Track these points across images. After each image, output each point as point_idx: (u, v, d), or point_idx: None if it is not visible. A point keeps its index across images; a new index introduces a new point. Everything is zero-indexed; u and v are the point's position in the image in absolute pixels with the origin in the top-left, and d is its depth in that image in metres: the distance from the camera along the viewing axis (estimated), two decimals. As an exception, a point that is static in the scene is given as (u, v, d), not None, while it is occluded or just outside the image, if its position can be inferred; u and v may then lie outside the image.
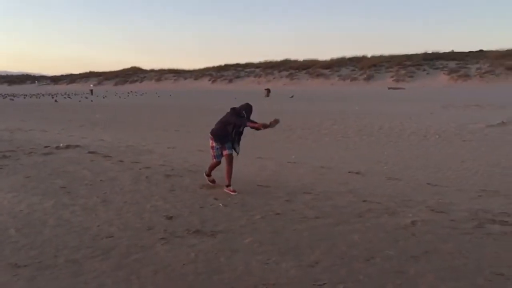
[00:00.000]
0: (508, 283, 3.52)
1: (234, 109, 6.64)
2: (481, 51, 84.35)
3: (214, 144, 6.65)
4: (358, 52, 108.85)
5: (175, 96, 52.15)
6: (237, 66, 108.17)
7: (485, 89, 53.02)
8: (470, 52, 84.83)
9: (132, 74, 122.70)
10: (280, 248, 4.29)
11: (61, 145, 10.77)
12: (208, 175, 7.00)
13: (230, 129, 6.45)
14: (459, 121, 15.50)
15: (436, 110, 21.33)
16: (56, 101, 41.27)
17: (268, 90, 47.31)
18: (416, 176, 7.64)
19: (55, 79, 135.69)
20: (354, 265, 3.89)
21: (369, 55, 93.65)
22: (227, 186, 6.50)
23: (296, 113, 21.00)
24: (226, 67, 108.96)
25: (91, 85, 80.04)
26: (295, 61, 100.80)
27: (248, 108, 6.72)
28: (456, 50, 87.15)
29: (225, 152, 6.54)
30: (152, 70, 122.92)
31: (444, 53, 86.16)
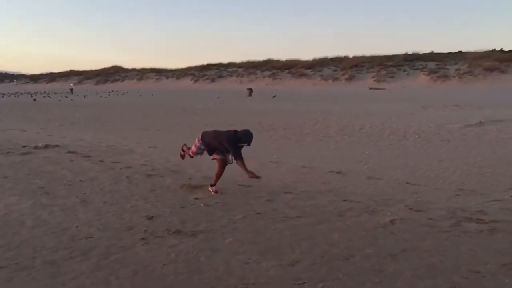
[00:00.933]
0: (483, 280, 3.59)
1: (236, 135, 6.19)
2: (460, 52, 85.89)
3: (198, 145, 6.60)
4: (340, 53, 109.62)
5: (157, 95, 51.82)
6: (219, 65, 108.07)
7: (464, 90, 53.97)
8: (449, 53, 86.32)
9: (113, 73, 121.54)
10: (261, 248, 4.30)
11: (39, 144, 10.60)
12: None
13: (222, 148, 6.34)
14: (438, 121, 15.74)
15: (416, 110, 21.62)
16: (35, 100, 40.62)
17: (251, 90, 47.36)
18: (395, 176, 7.73)
19: (35, 78, 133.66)
20: (334, 263, 3.92)
21: (350, 56, 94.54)
22: (212, 185, 6.48)
23: (279, 113, 21.07)
24: (209, 67, 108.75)
25: (71, 84, 79.06)
26: (278, 61, 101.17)
27: (248, 137, 6.21)
28: (435, 51, 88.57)
29: (216, 157, 6.46)
30: (133, 69, 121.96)
31: (424, 54, 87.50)
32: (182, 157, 7.24)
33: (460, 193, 6.44)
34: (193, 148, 6.72)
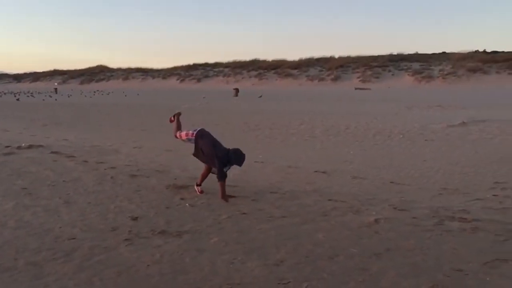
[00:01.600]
0: (466, 278, 3.64)
1: (228, 154, 6.06)
2: (443, 53, 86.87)
3: (191, 138, 6.32)
4: (326, 53, 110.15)
5: (142, 95, 51.46)
6: (205, 65, 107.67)
7: (447, 90, 54.61)
8: (433, 54, 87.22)
9: (99, 73, 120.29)
10: (246, 248, 4.30)
11: (23, 144, 10.45)
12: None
13: (210, 159, 6.19)
14: (422, 121, 15.91)
15: (401, 111, 21.83)
16: (18, 99, 40.02)
17: (237, 90, 47.28)
18: (380, 175, 7.80)
19: (18, 77, 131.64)
20: (318, 263, 3.94)
21: (336, 56, 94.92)
22: (197, 185, 6.46)
23: (265, 113, 21.09)
24: (195, 67, 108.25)
25: (56, 84, 78.21)
26: (264, 61, 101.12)
27: (239, 159, 6.10)
28: (420, 52, 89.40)
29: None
30: (119, 69, 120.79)
31: (409, 54, 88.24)
32: (171, 121, 7.05)
33: (443, 193, 6.53)
34: (184, 134, 6.43)
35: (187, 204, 5.83)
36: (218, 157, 6.01)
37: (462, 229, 4.83)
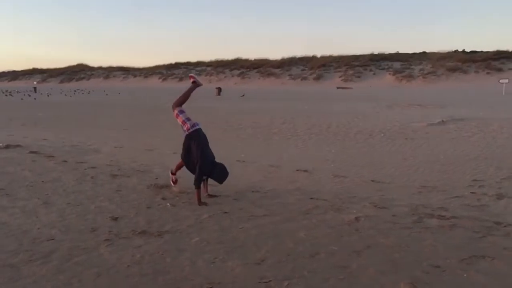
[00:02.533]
0: (444, 274, 3.69)
1: (212, 164, 5.92)
2: (424, 52, 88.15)
3: (185, 125, 6.12)
4: (308, 52, 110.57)
5: (124, 94, 51.00)
6: (187, 64, 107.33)
7: (427, 89, 55.42)
8: (413, 53, 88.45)
9: (79, 71, 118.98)
10: (227, 247, 4.30)
11: (0, 144, 10.26)
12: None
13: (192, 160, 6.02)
14: (403, 120, 16.11)
15: (382, 110, 22.06)
16: (-4, 98, 39.29)
17: (219, 89, 47.22)
18: (361, 173, 7.87)
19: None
20: (299, 261, 3.96)
21: (318, 55, 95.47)
22: (172, 173, 6.52)
23: (247, 112, 21.09)
24: (177, 65, 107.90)
25: (35, 83, 76.91)
26: (246, 60, 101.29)
27: (221, 175, 5.97)
28: (400, 51, 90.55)
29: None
30: (100, 68, 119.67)
31: (390, 54, 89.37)
32: (191, 78, 6.82)
33: (422, 190, 6.62)
34: (181, 120, 6.18)
35: (168, 204, 5.79)
36: (200, 168, 5.83)
37: (441, 226, 4.90)
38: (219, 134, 13.66)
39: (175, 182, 6.45)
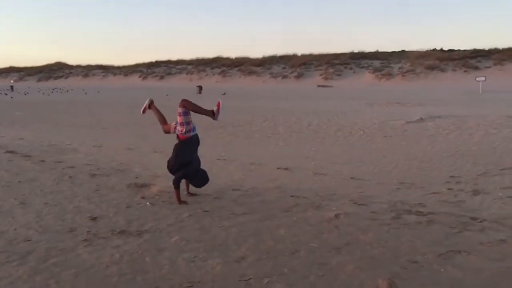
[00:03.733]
0: (421, 270, 3.75)
1: (197, 172, 5.91)
2: (403, 51, 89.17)
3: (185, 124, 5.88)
4: (289, 51, 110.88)
5: (103, 93, 50.36)
6: (168, 62, 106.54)
7: (406, 88, 56.14)
8: (393, 52, 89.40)
9: (57, 70, 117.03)
10: (207, 245, 4.29)
11: (-25, 144, 10.04)
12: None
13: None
14: (382, 118, 16.28)
15: (362, 108, 22.26)
16: (-30, 97, 38.39)
17: (200, 87, 47.08)
18: (341, 171, 7.94)
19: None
20: (279, 259, 3.97)
21: (299, 54, 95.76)
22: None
23: (228, 111, 21.00)
24: (157, 64, 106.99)
25: (12, 81, 75.37)
26: (227, 59, 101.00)
27: (200, 180, 5.93)
28: (380, 50, 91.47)
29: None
30: (78, 66, 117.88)
31: (370, 52, 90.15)
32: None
33: (401, 187, 6.70)
34: (182, 129, 5.85)
35: (148, 203, 5.75)
36: (183, 173, 5.76)
37: (418, 222, 4.97)
38: (199, 132, 13.57)
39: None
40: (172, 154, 5.86)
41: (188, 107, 5.83)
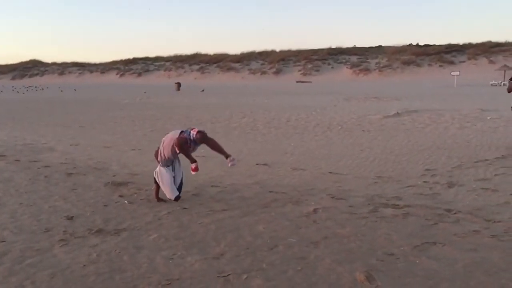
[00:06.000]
0: (397, 262, 3.81)
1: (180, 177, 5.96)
2: (380, 46, 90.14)
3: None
4: (267, 47, 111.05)
5: (80, 90, 49.62)
6: (146, 59, 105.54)
7: (383, 82, 56.81)
8: (370, 47, 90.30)
9: (32, 68, 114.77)
10: (186, 243, 4.28)
11: None
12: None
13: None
14: (360, 113, 16.45)
15: (339, 103, 22.44)
16: None
17: (179, 84, 46.77)
18: (319, 166, 7.99)
19: None
20: (258, 254, 3.99)
21: (277, 50, 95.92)
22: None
23: (207, 107, 20.99)
24: (135, 61, 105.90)
25: (-16, 79, 73.44)
26: (206, 55, 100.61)
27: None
28: (358, 45, 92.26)
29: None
30: (54, 63, 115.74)
31: (347, 48, 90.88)
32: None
33: (378, 181, 6.79)
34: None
35: (125, 201, 5.70)
36: (166, 160, 5.77)
37: (395, 215, 5.05)
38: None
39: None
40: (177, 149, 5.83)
41: (204, 140, 5.88)
